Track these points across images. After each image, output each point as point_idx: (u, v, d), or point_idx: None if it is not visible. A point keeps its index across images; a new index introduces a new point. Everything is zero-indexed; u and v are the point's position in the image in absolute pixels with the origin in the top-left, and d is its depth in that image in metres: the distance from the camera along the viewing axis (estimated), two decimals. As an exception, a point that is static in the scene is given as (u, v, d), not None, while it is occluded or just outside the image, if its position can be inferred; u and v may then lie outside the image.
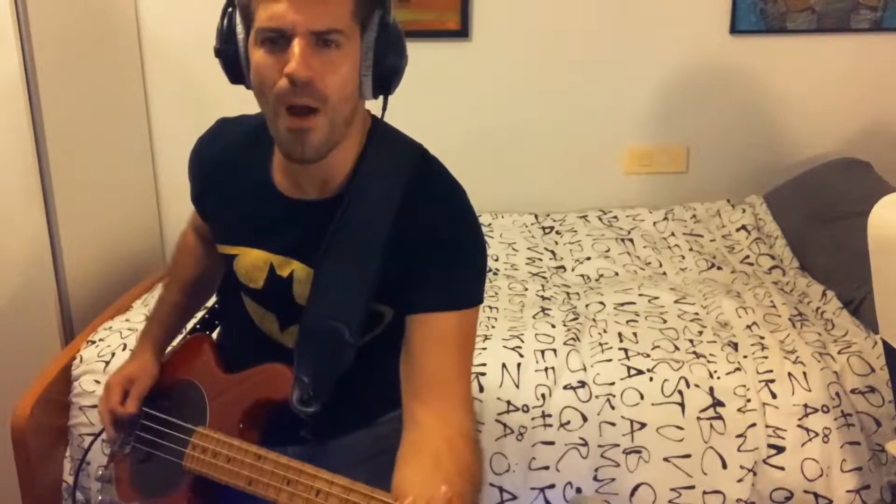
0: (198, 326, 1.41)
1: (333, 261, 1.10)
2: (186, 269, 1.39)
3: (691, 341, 1.89)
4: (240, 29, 1.04)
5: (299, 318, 1.14)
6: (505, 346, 1.83)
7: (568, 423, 1.72)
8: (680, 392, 1.73)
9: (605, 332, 1.93)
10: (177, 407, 1.26)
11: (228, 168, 1.20)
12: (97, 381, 1.81)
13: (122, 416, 1.27)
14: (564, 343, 1.85)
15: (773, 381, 1.75)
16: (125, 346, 1.86)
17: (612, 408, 1.72)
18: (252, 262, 1.17)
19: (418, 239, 1.09)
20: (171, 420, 1.24)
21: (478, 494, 1.06)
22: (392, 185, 1.10)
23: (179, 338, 1.40)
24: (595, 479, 1.72)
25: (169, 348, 1.38)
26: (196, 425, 1.19)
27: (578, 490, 1.72)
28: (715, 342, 1.88)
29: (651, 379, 1.75)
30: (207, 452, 1.14)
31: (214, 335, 1.38)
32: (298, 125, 1.02)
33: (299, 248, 1.14)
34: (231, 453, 1.11)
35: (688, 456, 1.70)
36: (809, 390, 1.73)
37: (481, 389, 1.74)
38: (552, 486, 1.72)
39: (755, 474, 1.70)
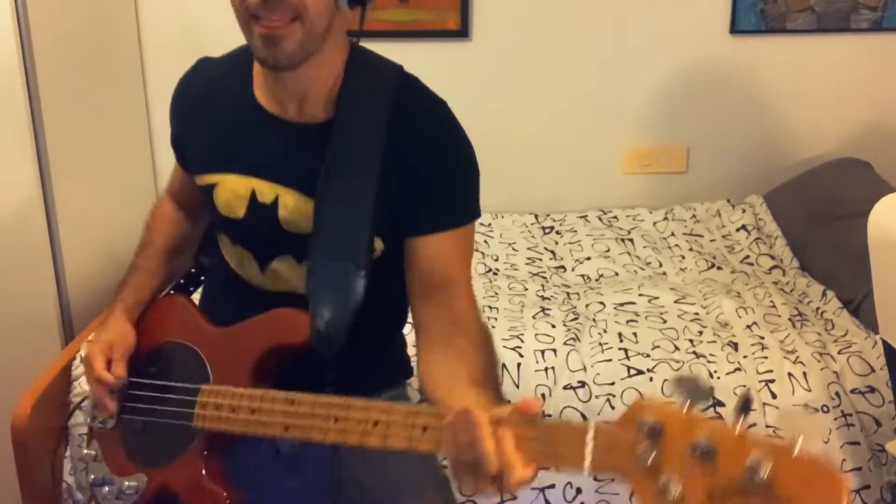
0: (171, 292, 1.34)
1: (332, 196, 1.09)
2: (161, 235, 1.36)
3: (691, 341, 1.89)
4: None
5: (278, 252, 1.13)
6: (505, 346, 1.83)
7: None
8: (680, 392, 1.73)
9: (605, 332, 1.93)
10: (167, 371, 1.19)
11: (209, 97, 1.20)
12: (97, 382, 1.81)
13: (112, 383, 1.19)
14: (564, 343, 1.85)
15: (773, 381, 1.75)
16: (125, 346, 1.86)
17: (613, 408, 1.72)
18: (233, 189, 1.15)
19: (411, 157, 1.09)
20: (165, 384, 1.17)
21: (493, 357, 1.10)
22: (378, 109, 1.10)
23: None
24: (595, 478, 1.71)
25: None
26: (197, 384, 1.12)
27: (578, 490, 1.72)
28: (715, 342, 1.88)
29: (651, 379, 1.75)
30: (223, 408, 1.07)
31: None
32: (271, 32, 1.01)
33: (286, 174, 1.12)
34: (254, 404, 1.04)
35: (688, 456, 1.70)
36: (809, 390, 1.73)
37: (481, 389, 1.74)
38: (552, 487, 1.72)
39: (755, 474, 1.70)
